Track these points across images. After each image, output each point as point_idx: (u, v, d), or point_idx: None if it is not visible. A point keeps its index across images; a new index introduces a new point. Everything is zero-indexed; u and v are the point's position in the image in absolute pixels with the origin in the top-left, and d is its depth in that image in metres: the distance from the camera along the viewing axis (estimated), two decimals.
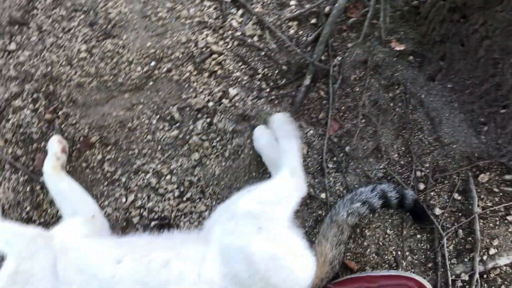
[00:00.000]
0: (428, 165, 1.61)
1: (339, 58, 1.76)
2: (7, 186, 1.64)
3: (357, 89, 1.72)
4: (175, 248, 1.33)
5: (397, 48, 1.73)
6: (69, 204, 1.52)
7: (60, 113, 1.73)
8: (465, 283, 1.50)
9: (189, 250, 1.33)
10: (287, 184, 1.40)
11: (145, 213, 1.60)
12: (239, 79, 1.76)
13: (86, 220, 1.47)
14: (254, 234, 1.25)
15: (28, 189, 1.64)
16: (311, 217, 1.58)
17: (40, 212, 1.61)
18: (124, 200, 1.62)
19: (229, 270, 1.25)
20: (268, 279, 1.22)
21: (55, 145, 1.60)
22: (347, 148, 1.65)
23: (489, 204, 1.56)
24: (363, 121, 1.68)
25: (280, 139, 1.54)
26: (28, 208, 1.62)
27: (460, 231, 1.54)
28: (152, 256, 1.30)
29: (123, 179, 1.65)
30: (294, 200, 1.38)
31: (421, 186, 1.59)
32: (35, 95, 1.77)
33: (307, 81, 1.72)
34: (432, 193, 1.58)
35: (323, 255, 1.41)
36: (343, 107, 1.70)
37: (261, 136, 1.60)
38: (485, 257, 1.50)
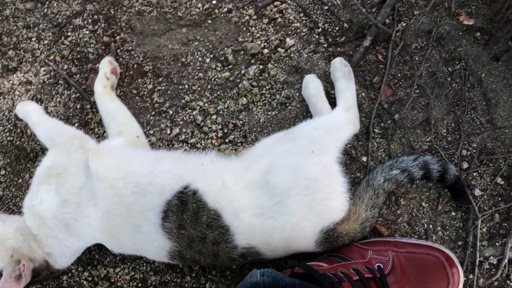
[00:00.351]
0: (475, 145, 1.58)
1: (404, 24, 1.71)
2: (59, 100, 1.69)
3: (417, 58, 1.68)
4: (210, 159, 1.43)
5: (465, 22, 1.67)
6: (115, 124, 1.57)
7: (117, 37, 1.75)
8: (492, 267, 1.50)
9: (225, 161, 1.44)
10: (342, 117, 1.51)
11: (187, 148, 1.63)
12: (298, 30, 1.74)
13: (130, 140, 1.52)
14: (307, 155, 1.36)
15: (78, 106, 1.68)
16: (349, 178, 1.57)
17: (87, 130, 1.65)
18: (168, 132, 1.65)
19: (270, 179, 1.33)
20: (305, 195, 1.31)
21: (106, 65, 1.63)
22: (396, 116, 1.63)
23: None
24: (417, 91, 1.65)
25: (337, 80, 1.60)
26: (76, 125, 1.67)
27: (497, 215, 1.53)
28: (188, 159, 1.41)
29: (170, 112, 1.67)
30: (347, 134, 1.49)
31: (465, 165, 1.57)
32: (95, 17, 1.78)
33: (367, 42, 1.68)
34: (474, 174, 1.56)
35: (356, 214, 1.43)
36: (399, 74, 1.67)
37: (311, 84, 1.60)
38: None
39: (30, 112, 1.55)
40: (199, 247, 1.33)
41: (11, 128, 1.67)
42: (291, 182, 1.33)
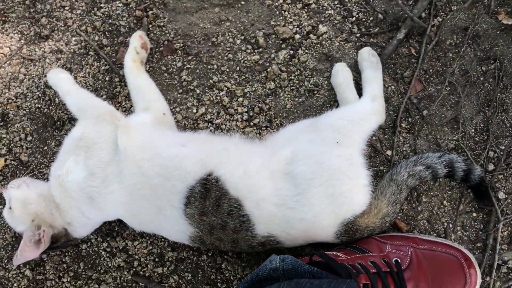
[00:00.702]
0: (503, 147, 1.56)
1: (440, 19, 1.68)
2: (88, 71, 1.70)
3: (450, 55, 1.65)
4: (233, 143, 1.43)
5: (504, 22, 1.64)
6: (143, 99, 1.57)
7: (150, 12, 1.74)
8: (510, 271, 1.49)
9: (248, 146, 1.43)
10: (368, 107, 1.49)
11: (211, 128, 1.63)
12: (332, 18, 1.72)
13: (156, 116, 1.53)
14: (332, 146, 1.36)
15: (107, 78, 1.69)
16: (372, 171, 1.57)
17: (115, 103, 1.66)
18: (195, 111, 1.65)
19: (292, 169, 1.33)
20: (328, 186, 1.31)
21: (137, 39, 1.63)
22: (424, 112, 1.61)
23: None
24: (448, 88, 1.62)
25: (365, 70, 1.58)
26: (104, 97, 1.68)
27: None
28: (213, 143, 1.41)
29: (198, 91, 1.67)
30: (372, 125, 1.47)
31: (491, 167, 1.55)
32: None
33: (400, 35, 1.66)
34: (500, 176, 1.55)
35: (376, 208, 1.43)
36: (431, 70, 1.65)
37: (340, 72, 1.59)
38: None
39: (62, 81, 1.56)
40: (219, 234, 1.34)
41: (40, 95, 1.68)
42: (313, 173, 1.33)
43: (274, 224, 1.33)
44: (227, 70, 1.68)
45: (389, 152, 1.58)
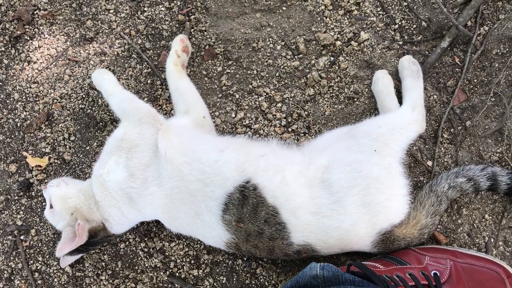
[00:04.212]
0: None
1: (486, 28, 1.64)
2: (130, 73, 1.73)
3: (496, 65, 1.61)
4: (271, 149, 1.43)
5: None
6: (183, 102, 1.59)
7: (192, 17, 1.76)
8: None
9: (285, 152, 1.43)
10: (407, 116, 1.46)
11: (249, 133, 1.64)
12: (374, 25, 1.70)
13: (196, 119, 1.54)
14: (369, 154, 1.34)
15: (149, 81, 1.72)
16: (411, 181, 1.55)
17: (156, 106, 1.69)
18: (233, 115, 1.66)
19: (329, 177, 1.33)
20: (365, 195, 1.30)
21: (178, 43, 1.64)
22: (467, 123, 1.58)
23: None
24: (493, 99, 1.59)
25: (405, 79, 1.56)
26: (145, 100, 1.71)
27: None
28: (251, 149, 1.41)
29: (237, 96, 1.68)
30: (412, 134, 1.45)
31: None
32: None
33: (444, 44, 1.63)
34: None
35: (415, 219, 1.41)
36: (475, 80, 1.61)
37: (381, 80, 1.57)
38: None
39: (106, 81, 1.60)
40: (255, 241, 1.35)
41: (84, 96, 1.72)
42: (350, 181, 1.32)
43: (310, 232, 1.33)
44: (267, 75, 1.68)
45: (429, 163, 1.56)
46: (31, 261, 1.60)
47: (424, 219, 1.40)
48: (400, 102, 1.56)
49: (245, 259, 1.54)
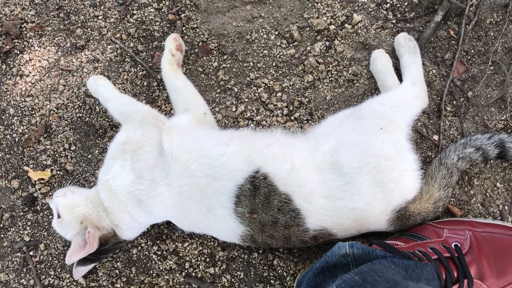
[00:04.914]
0: None
1: None
2: (126, 77, 1.71)
3: (492, 33, 1.61)
4: (276, 138, 1.42)
5: None
6: (182, 100, 1.57)
7: (182, 15, 1.75)
8: None
9: (291, 140, 1.42)
10: (409, 92, 1.46)
11: (252, 125, 1.62)
12: (366, 6, 1.70)
13: (197, 116, 1.53)
14: (376, 133, 1.33)
15: (145, 83, 1.70)
16: (419, 156, 1.54)
17: (154, 107, 1.67)
18: (234, 109, 1.64)
19: (337, 159, 1.31)
20: (376, 174, 1.29)
21: (171, 42, 1.63)
22: (469, 94, 1.57)
23: None
24: (492, 68, 1.58)
25: (403, 56, 1.56)
26: (143, 102, 1.68)
27: None
28: (256, 140, 1.40)
29: (235, 89, 1.67)
30: (415, 109, 1.44)
31: None
32: None
33: (438, 18, 1.63)
34: None
35: (428, 193, 1.40)
36: (472, 50, 1.61)
37: (379, 59, 1.56)
38: None
39: (102, 87, 1.58)
40: (271, 231, 1.33)
41: (81, 104, 1.70)
42: (360, 161, 1.30)
43: (325, 216, 1.31)
44: (264, 66, 1.67)
45: (435, 137, 1.55)
46: (43, 276, 1.56)
47: (437, 192, 1.39)
48: (400, 80, 1.54)
49: (260, 251, 1.52)
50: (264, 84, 1.65)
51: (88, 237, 1.36)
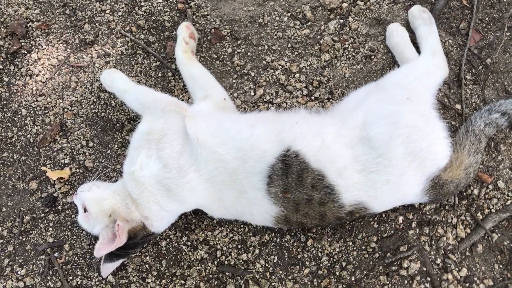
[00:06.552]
0: None
1: None
2: (139, 70, 1.68)
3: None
4: (301, 116, 1.40)
5: None
6: (200, 88, 1.54)
7: (191, 3, 1.73)
8: None
9: (316, 118, 1.40)
10: (430, 62, 1.47)
11: (272, 108, 1.60)
12: None
13: (217, 102, 1.50)
14: (403, 103, 1.33)
15: (159, 74, 1.67)
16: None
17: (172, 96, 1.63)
18: (252, 93, 1.62)
19: (367, 133, 1.30)
20: (408, 144, 1.27)
21: (184, 30, 1.61)
22: (487, 61, 1.57)
23: None
24: (508, 34, 1.59)
25: (418, 28, 1.56)
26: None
27: None
28: (282, 119, 1.38)
29: (252, 74, 1.65)
30: (437, 79, 1.45)
31: None
32: None
33: None
34: None
35: (458, 160, 1.39)
36: (487, 18, 1.61)
37: (395, 32, 1.56)
38: None
39: (117, 80, 1.54)
40: (305, 209, 1.31)
41: (95, 100, 1.66)
42: (390, 133, 1.29)
43: (360, 190, 1.29)
44: (279, 48, 1.66)
45: (458, 106, 1.55)
46: (70, 277, 1.51)
47: (467, 158, 1.39)
48: (418, 53, 1.54)
49: (292, 233, 1.49)
50: (281, 66, 1.63)
51: (117, 230, 1.31)
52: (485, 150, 1.49)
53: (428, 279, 1.43)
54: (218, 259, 1.51)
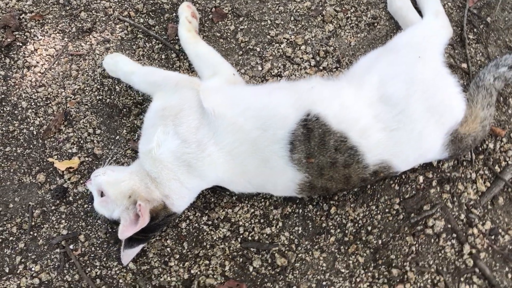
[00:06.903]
0: None
1: None
2: (141, 53, 1.65)
3: None
4: (316, 81, 1.39)
5: None
6: (207, 65, 1.52)
7: None
8: None
9: (331, 82, 1.39)
10: (434, 23, 1.49)
11: (283, 79, 1.59)
12: None
13: (227, 78, 1.48)
14: (415, 61, 1.34)
15: (163, 56, 1.64)
16: None
17: None
18: (260, 68, 1.61)
19: (385, 91, 1.30)
20: (426, 100, 1.29)
21: (185, 9, 1.60)
22: (488, 19, 1.61)
23: None
24: None
25: None
26: None
27: None
28: (297, 86, 1.37)
29: (258, 49, 1.64)
30: (443, 39, 1.46)
31: None
32: None
33: None
34: None
35: (473, 115, 1.41)
36: None
37: None
38: None
39: (121, 63, 1.51)
40: (330, 173, 1.29)
41: (98, 87, 1.62)
42: (408, 89, 1.30)
43: (383, 149, 1.29)
44: (282, 22, 1.65)
45: (464, 65, 1.57)
46: (88, 269, 1.45)
47: (481, 111, 1.41)
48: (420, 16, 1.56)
49: (314, 203, 1.47)
50: (286, 40, 1.63)
51: (139, 210, 1.27)
52: (495, 105, 1.50)
53: (454, 235, 1.42)
54: (241, 236, 1.47)
